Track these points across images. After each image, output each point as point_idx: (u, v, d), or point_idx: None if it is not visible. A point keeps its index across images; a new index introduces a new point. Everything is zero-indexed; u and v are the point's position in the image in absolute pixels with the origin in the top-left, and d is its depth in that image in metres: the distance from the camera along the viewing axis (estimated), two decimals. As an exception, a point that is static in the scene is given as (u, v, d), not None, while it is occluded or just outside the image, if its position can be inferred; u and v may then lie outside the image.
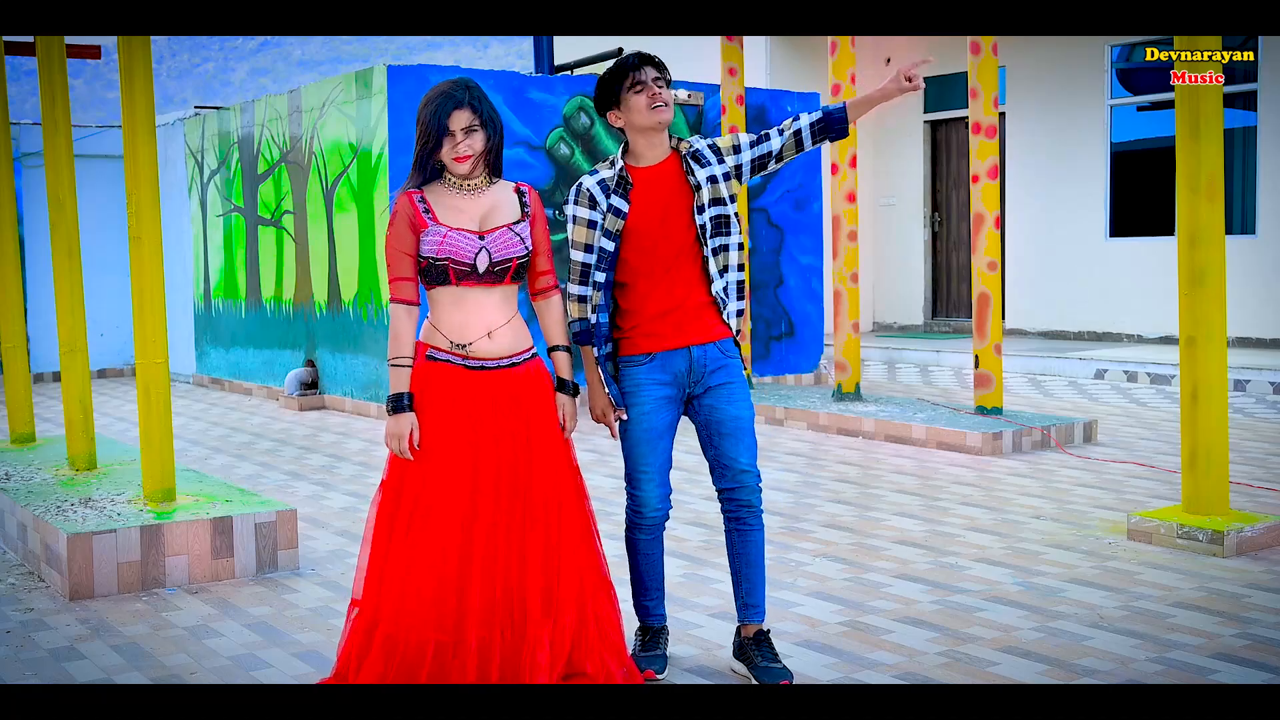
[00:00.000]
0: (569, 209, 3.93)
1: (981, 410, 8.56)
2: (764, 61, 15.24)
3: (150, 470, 5.50)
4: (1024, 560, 5.31)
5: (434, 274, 3.61)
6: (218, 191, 12.63)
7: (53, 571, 5.13)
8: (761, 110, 11.51)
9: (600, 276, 3.88)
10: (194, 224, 13.17)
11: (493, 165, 3.71)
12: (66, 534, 4.95)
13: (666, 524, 4.11)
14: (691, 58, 14.97)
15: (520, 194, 3.74)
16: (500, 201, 3.69)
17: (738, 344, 4.00)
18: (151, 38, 5.49)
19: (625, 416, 3.93)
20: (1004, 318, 14.08)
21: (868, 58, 15.53)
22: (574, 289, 3.94)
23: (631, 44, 15.89)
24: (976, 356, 8.61)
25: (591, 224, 3.89)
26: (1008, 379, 11.55)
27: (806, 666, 4.04)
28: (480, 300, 3.62)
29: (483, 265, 3.59)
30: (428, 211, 3.61)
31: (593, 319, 3.92)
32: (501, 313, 3.64)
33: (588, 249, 3.90)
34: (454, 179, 3.67)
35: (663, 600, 4.13)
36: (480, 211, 3.66)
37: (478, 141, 3.62)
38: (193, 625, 4.63)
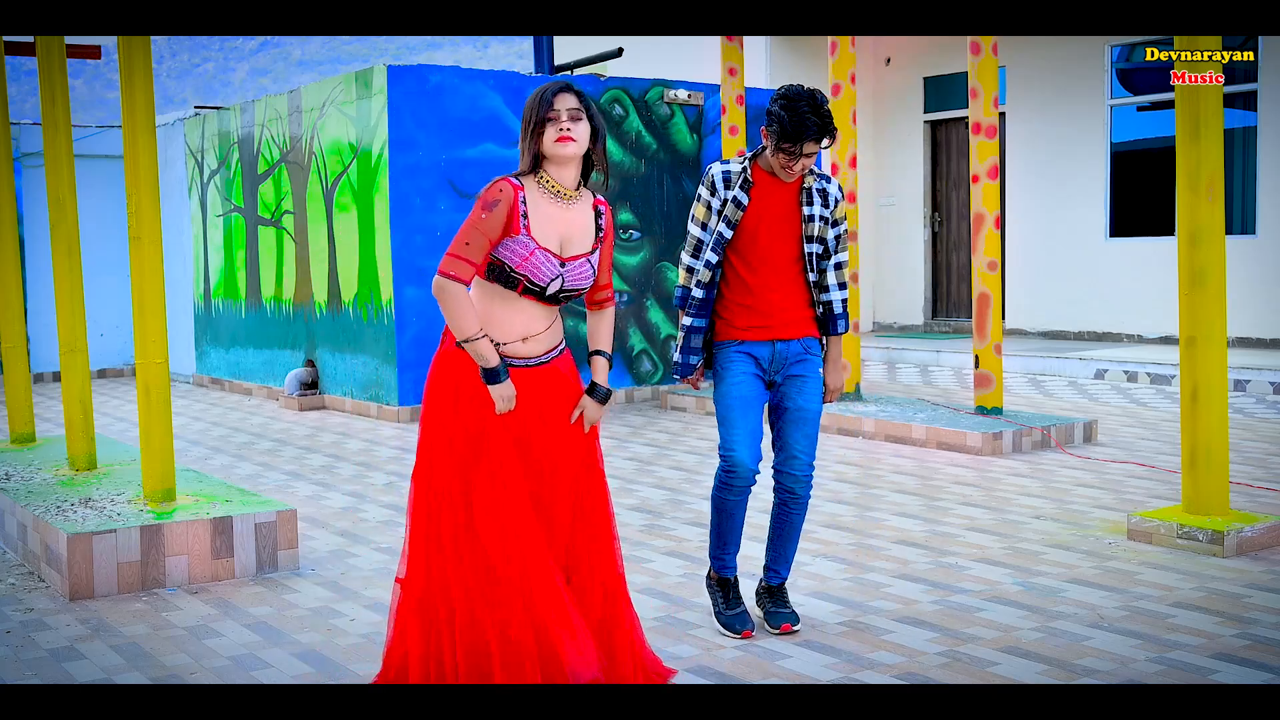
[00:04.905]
0: (700, 187, 4.35)
1: (981, 410, 8.56)
2: (764, 61, 15.23)
3: (150, 470, 5.50)
4: (1024, 560, 5.31)
5: (502, 277, 3.59)
6: (218, 191, 12.63)
7: (53, 572, 5.13)
8: (761, 110, 11.51)
9: (712, 257, 4.31)
10: (194, 224, 13.17)
11: (586, 171, 3.70)
12: (66, 534, 4.95)
13: (751, 490, 4.40)
14: (691, 58, 14.97)
15: (598, 212, 3.73)
16: (583, 220, 3.68)
17: (823, 344, 4.43)
18: (151, 38, 5.49)
19: (700, 385, 4.43)
20: (1004, 318, 14.07)
21: (868, 58, 15.55)
22: (685, 258, 4.39)
23: (631, 44, 15.90)
24: (976, 356, 8.61)
25: (709, 207, 4.32)
26: (1008, 379, 11.54)
27: (806, 666, 4.04)
28: (531, 309, 3.64)
29: (552, 290, 3.61)
30: (525, 216, 3.56)
31: (694, 290, 4.34)
32: (543, 321, 3.67)
33: (704, 227, 4.34)
34: (550, 180, 3.62)
35: (736, 554, 4.51)
36: (566, 227, 3.63)
37: (582, 129, 3.58)
38: (193, 625, 4.63)
